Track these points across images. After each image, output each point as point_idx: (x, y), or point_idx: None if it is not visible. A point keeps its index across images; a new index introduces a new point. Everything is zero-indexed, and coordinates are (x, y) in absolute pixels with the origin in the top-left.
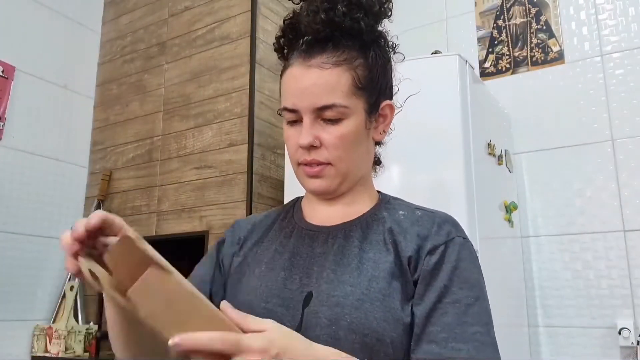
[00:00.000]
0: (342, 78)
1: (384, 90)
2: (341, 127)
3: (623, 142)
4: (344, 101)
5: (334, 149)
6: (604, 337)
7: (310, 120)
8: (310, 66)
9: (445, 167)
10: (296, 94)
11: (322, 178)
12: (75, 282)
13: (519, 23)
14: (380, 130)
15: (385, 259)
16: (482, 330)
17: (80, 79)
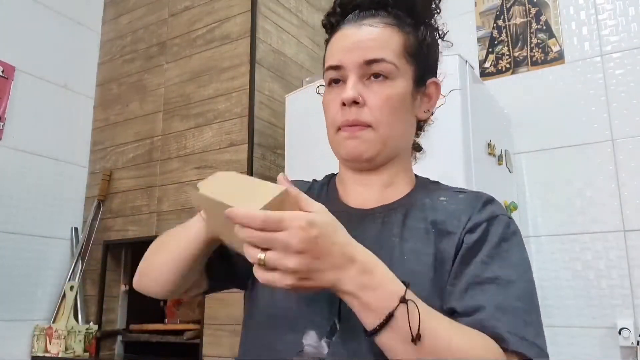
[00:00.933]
0: (393, 38)
1: (431, 68)
2: (388, 87)
3: (623, 142)
4: (394, 59)
5: (377, 110)
6: (604, 337)
7: (356, 77)
8: (361, 25)
9: (445, 167)
10: (344, 49)
11: (361, 139)
12: (75, 282)
13: (519, 23)
14: (425, 109)
15: (427, 250)
16: (526, 308)
17: (80, 79)
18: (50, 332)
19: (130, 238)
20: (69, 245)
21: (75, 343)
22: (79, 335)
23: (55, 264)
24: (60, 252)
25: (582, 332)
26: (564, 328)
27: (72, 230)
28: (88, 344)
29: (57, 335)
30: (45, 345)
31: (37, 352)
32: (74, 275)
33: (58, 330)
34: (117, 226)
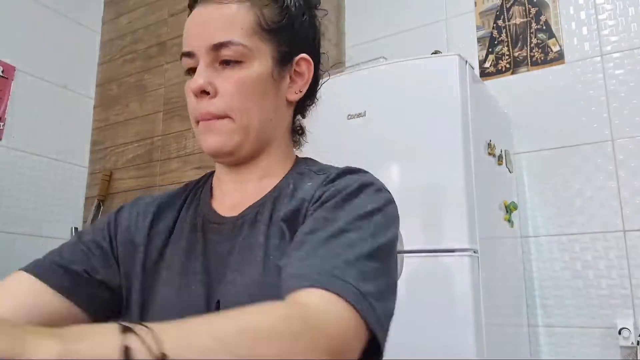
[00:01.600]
0: (242, 14)
1: (299, 42)
2: (240, 70)
3: (623, 142)
4: (243, 39)
5: (229, 97)
6: (604, 337)
7: (205, 63)
8: (208, 3)
9: (445, 167)
10: (192, 33)
11: (218, 132)
12: None
13: (519, 23)
14: (296, 90)
15: (290, 244)
16: (343, 266)
17: (80, 79)
18: None
19: None
20: None
21: None
22: None
23: None
24: None
25: (582, 332)
26: (564, 328)
27: (72, 230)
28: None
29: None
30: None
31: None
32: None
33: None
34: None
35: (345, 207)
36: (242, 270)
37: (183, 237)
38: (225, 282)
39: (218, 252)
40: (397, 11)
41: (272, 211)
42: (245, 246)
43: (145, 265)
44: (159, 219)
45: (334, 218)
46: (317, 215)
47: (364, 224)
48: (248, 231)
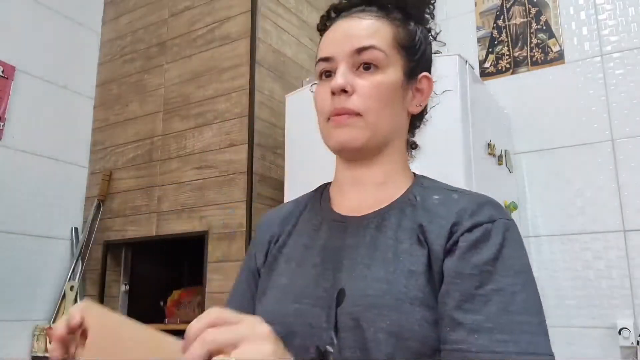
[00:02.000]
0: (384, 28)
1: (424, 62)
2: (377, 76)
3: (623, 142)
4: (384, 47)
5: (367, 97)
6: (604, 337)
7: (345, 66)
8: (352, 17)
9: (445, 167)
10: (333, 41)
11: (349, 127)
12: (75, 282)
13: (519, 23)
14: (417, 103)
15: (422, 251)
16: (532, 320)
17: (80, 79)
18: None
19: (130, 238)
20: (69, 245)
21: None
22: None
23: (55, 264)
24: (60, 252)
25: (582, 332)
26: (564, 328)
27: (72, 230)
28: None
29: None
30: (45, 345)
31: (37, 352)
32: (74, 275)
33: None
34: (117, 226)
35: (508, 263)
36: (370, 266)
37: (304, 235)
38: (353, 275)
39: (339, 246)
40: None
41: (400, 218)
42: (372, 245)
43: (267, 261)
44: (284, 224)
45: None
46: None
47: (527, 279)
48: (375, 233)
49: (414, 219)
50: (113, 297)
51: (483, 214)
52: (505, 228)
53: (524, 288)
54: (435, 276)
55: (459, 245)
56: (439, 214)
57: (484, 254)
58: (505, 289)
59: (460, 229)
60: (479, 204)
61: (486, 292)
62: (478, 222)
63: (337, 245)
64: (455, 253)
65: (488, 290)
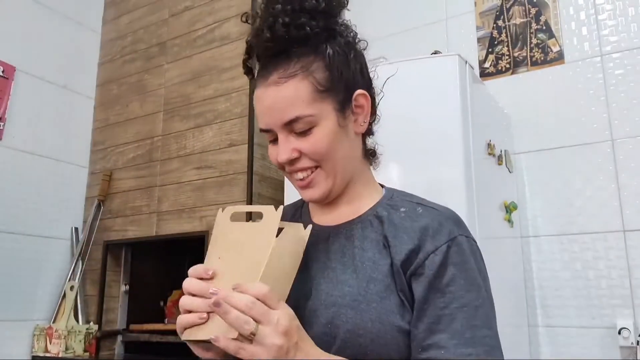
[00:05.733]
0: (299, 89)
1: (352, 82)
2: (314, 135)
3: (623, 142)
4: (308, 110)
5: (314, 154)
6: (604, 337)
7: (284, 136)
8: (268, 85)
9: (445, 167)
10: (264, 114)
11: (315, 186)
12: (75, 282)
13: (518, 23)
14: (361, 122)
15: (384, 261)
16: (491, 334)
17: (80, 79)
18: (51, 332)
19: (130, 238)
20: (69, 245)
21: (75, 343)
22: (79, 335)
23: (55, 264)
24: (60, 252)
25: (582, 332)
26: (564, 328)
27: (72, 230)
28: (88, 344)
29: (57, 335)
30: (45, 345)
31: (37, 352)
32: (74, 275)
33: (58, 330)
34: (117, 226)
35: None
36: (336, 270)
37: None
38: (321, 277)
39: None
40: (397, 11)
41: (366, 230)
42: (340, 252)
43: None
44: None
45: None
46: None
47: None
48: (344, 241)
49: (380, 231)
50: (113, 297)
51: (444, 232)
52: (467, 244)
53: (485, 302)
54: (397, 287)
55: (425, 271)
56: (403, 228)
57: (449, 274)
58: (469, 304)
59: (424, 252)
60: (440, 221)
61: (451, 311)
62: (440, 243)
63: (311, 250)
64: (422, 277)
65: (453, 309)
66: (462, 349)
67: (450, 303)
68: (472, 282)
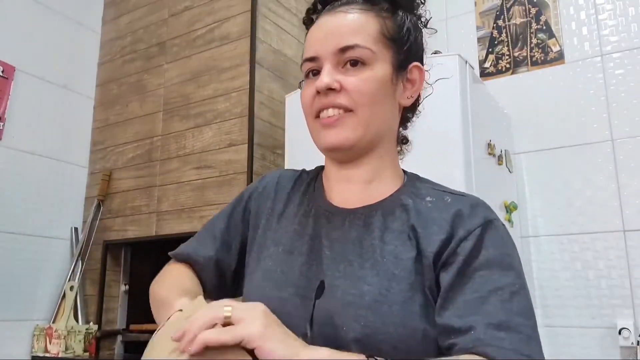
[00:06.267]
0: (369, 23)
1: (414, 52)
2: (365, 72)
3: (623, 142)
4: (370, 44)
5: (356, 93)
6: (604, 337)
7: (331, 64)
8: (335, 12)
9: (445, 167)
10: (318, 39)
11: (340, 127)
12: (75, 282)
13: (519, 23)
14: (408, 95)
15: (408, 254)
16: (528, 324)
17: (80, 79)
18: (50, 332)
19: (130, 238)
20: (69, 245)
21: (75, 343)
22: (79, 335)
23: (55, 264)
24: (60, 252)
25: (582, 332)
26: (564, 328)
27: (72, 230)
28: (88, 344)
29: (57, 335)
30: (45, 345)
31: (37, 352)
32: (74, 275)
33: (58, 330)
34: (116, 226)
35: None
36: (353, 264)
37: (295, 220)
38: (335, 270)
39: (327, 237)
40: None
41: (388, 219)
42: (358, 243)
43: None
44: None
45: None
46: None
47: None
48: (362, 230)
49: (405, 221)
50: (113, 297)
51: (477, 215)
52: (501, 229)
53: (522, 290)
54: (425, 283)
55: (456, 259)
56: (432, 219)
57: (481, 258)
58: (504, 288)
59: (456, 239)
60: (471, 206)
61: (483, 294)
62: (472, 227)
63: (324, 236)
64: (452, 266)
65: (485, 292)
66: (494, 331)
67: (482, 287)
68: (509, 267)
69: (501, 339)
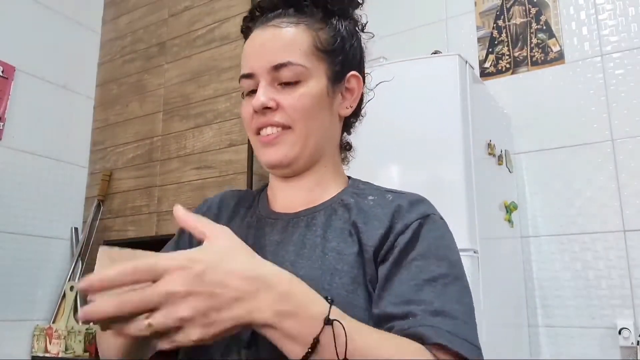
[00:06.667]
0: (301, 37)
1: (350, 61)
2: (300, 88)
3: (623, 142)
4: (302, 60)
5: (292, 110)
6: (604, 337)
7: (266, 83)
8: (267, 27)
9: (445, 167)
10: (252, 55)
11: (279, 145)
12: (75, 282)
13: (519, 23)
14: (347, 105)
15: (350, 249)
16: (464, 310)
17: (80, 79)
18: (50, 332)
19: (130, 238)
20: (69, 246)
21: (75, 343)
22: (79, 335)
23: (55, 264)
24: (60, 252)
25: (582, 332)
26: (564, 328)
27: (72, 230)
28: (88, 344)
29: (57, 335)
30: (45, 345)
31: (37, 352)
32: (74, 275)
33: (58, 331)
34: (117, 226)
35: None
36: (295, 263)
37: (239, 232)
38: None
39: (269, 243)
40: (397, 11)
41: (330, 217)
42: (300, 242)
43: None
44: (220, 218)
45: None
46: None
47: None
48: (304, 230)
49: (346, 218)
50: None
51: (416, 210)
52: (439, 223)
53: (456, 280)
54: (367, 277)
55: (394, 251)
56: (374, 215)
57: (417, 249)
58: (438, 279)
59: (394, 233)
60: (411, 201)
61: (418, 282)
62: (410, 221)
63: (266, 241)
64: (389, 259)
65: (420, 281)
66: (431, 317)
67: (417, 275)
68: (443, 258)
69: (437, 322)
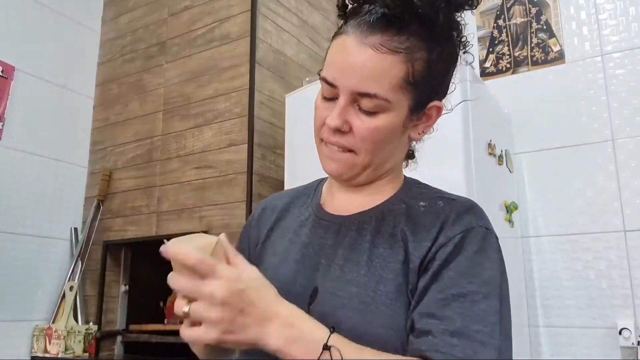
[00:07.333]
0: (394, 68)
1: (436, 90)
2: (376, 119)
3: (623, 142)
4: (388, 94)
5: (361, 140)
6: (605, 338)
7: (345, 102)
8: (365, 44)
9: (446, 167)
10: (340, 68)
11: (340, 163)
12: (75, 282)
13: (519, 23)
14: (420, 130)
15: (396, 257)
16: (486, 330)
17: (80, 79)
18: (50, 332)
19: (130, 238)
20: (69, 246)
21: (74, 343)
22: (79, 335)
23: (55, 264)
24: (60, 252)
25: (583, 333)
26: (564, 328)
27: (72, 231)
28: (88, 344)
29: (56, 335)
30: (44, 345)
31: (37, 352)
32: (73, 275)
33: (58, 331)
34: (116, 226)
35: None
36: (344, 268)
37: (290, 230)
38: (327, 275)
39: (320, 244)
40: None
41: (380, 223)
42: (350, 247)
43: (254, 253)
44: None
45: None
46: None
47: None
48: (355, 234)
49: (396, 224)
50: (113, 297)
51: (461, 223)
52: (482, 237)
53: (487, 299)
54: (409, 286)
55: (434, 264)
56: (422, 225)
57: (455, 262)
58: (467, 296)
59: (437, 245)
60: (458, 212)
61: (446, 296)
62: (454, 234)
63: (318, 243)
64: (429, 271)
65: (448, 295)
66: (448, 337)
67: (447, 289)
68: (477, 275)
69: (453, 346)
